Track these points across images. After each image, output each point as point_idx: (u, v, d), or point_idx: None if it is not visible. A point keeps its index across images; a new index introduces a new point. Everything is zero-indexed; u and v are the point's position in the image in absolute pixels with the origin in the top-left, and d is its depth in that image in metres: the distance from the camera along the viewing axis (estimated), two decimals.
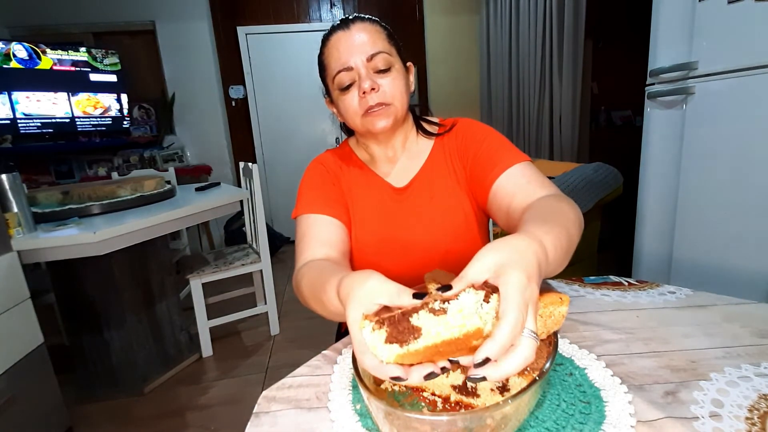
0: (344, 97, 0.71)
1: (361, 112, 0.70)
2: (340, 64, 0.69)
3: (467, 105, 4.00)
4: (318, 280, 0.55)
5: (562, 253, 0.44)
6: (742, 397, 0.43)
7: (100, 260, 1.52)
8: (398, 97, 0.71)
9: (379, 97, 0.69)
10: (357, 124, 0.73)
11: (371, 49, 0.68)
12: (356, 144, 0.85)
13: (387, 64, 0.69)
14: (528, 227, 0.45)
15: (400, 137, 0.79)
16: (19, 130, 2.99)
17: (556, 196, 0.60)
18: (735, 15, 1.13)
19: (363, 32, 0.69)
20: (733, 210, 1.20)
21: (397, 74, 0.71)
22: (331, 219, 0.74)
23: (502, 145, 0.72)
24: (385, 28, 0.73)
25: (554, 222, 0.47)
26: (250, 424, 0.46)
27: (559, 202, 0.56)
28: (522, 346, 0.33)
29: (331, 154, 0.85)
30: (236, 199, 1.94)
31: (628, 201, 1.73)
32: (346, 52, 0.69)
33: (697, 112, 1.26)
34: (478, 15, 3.79)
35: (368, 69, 0.69)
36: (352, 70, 0.69)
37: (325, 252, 0.69)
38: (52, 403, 1.40)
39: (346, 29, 0.70)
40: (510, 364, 0.33)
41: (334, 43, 0.70)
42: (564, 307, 0.43)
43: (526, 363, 0.33)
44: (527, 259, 0.36)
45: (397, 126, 0.76)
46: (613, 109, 3.47)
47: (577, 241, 0.50)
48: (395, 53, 0.72)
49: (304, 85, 3.79)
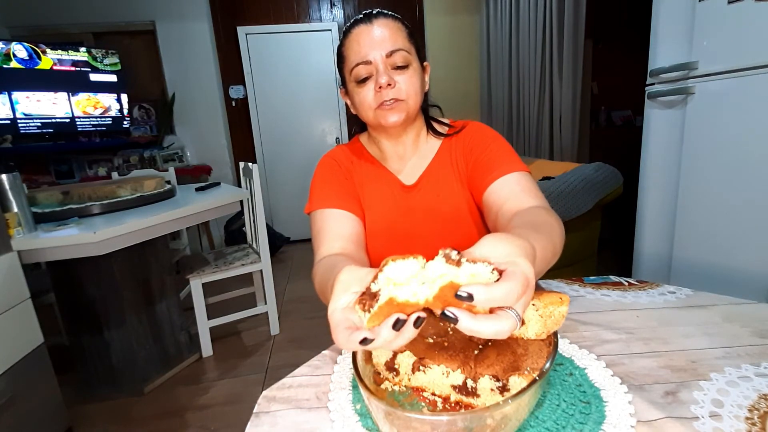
0: (360, 90, 0.72)
1: (375, 105, 0.72)
2: (359, 57, 0.70)
3: (467, 105, 4.00)
4: (325, 277, 0.56)
5: (544, 264, 0.47)
6: (742, 397, 0.43)
7: (100, 260, 1.52)
8: (412, 95, 0.72)
9: (394, 93, 0.70)
10: (370, 117, 0.74)
11: (391, 45, 0.70)
12: (367, 140, 0.86)
13: (405, 62, 0.71)
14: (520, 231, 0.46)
15: (411, 135, 0.80)
16: (19, 130, 2.99)
17: (546, 209, 0.61)
18: (735, 15, 1.13)
19: (384, 28, 0.70)
20: (733, 210, 1.20)
21: (413, 72, 0.72)
22: (345, 213, 0.75)
23: (505, 153, 0.74)
24: (406, 26, 0.74)
25: (543, 233, 0.49)
26: (250, 424, 0.46)
27: (549, 216, 0.57)
28: (502, 318, 0.33)
29: (343, 149, 0.86)
30: (236, 199, 1.94)
31: (628, 201, 1.73)
32: (366, 46, 0.70)
33: (697, 112, 1.26)
34: (478, 15, 3.79)
35: (386, 64, 0.70)
36: (370, 64, 0.70)
37: (340, 245, 0.70)
38: (52, 402, 1.40)
39: (368, 23, 0.71)
40: (484, 324, 0.33)
41: (355, 36, 0.71)
42: (564, 307, 0.43)
43: (498, 335, 0.33)
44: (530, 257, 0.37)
45: (409, 123, 0.77)
46: (613, 109, 3.47)
47: (556, 258, 0.52)
48: (414, 52, 0.73)
49: (304, 85, 3.79)
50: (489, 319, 0.33)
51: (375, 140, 0.83)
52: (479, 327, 0.33)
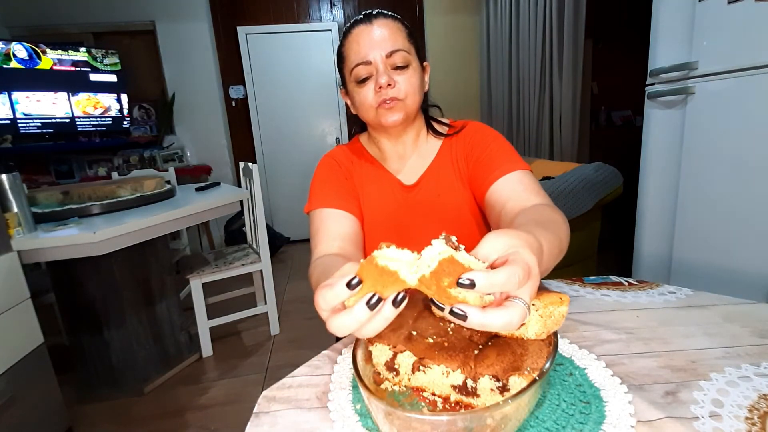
0: (360, 90, 0.72)
1: (375, 105, 0.72)
2: (359, 57, 0.70)
3: (467, 105, 4.00)
4: (321, 277, 0.57)
5: (551, 260, 0.46)
6: (742, 397, 0.43)
7: (100, 260, 1.52)
8: (411, 95, 0.72)
9: (393, 93, 0.71)
10: (370, 116, 0.74)
11: (391, 45, 0.70)
12: (367, 140, 0.86)
13: (405, 62, 0.71)
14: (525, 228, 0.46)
15: (411, 134, 0.81)
16: (19, 130, 2.99)
17: (550, 206, 0.62)
18: (735, 15, 1.13)
19: (384, 28, 0.71)
20: (733, 210, 1.20)
21: (413, 72, 0.72)
22: (344, 213, 0.76)
23: (506, 152, 0.74)
24: (406, 26, 0.75)
25: (550, 229, 0.49)
26: (250, 424, 0.46)
27: (553, 213, 0.58)
28: (512, 308, 0.33)
29: (343, 149, 0.87)
30: (236, 199, 1.94)
31: (628, 201, 1.73)
32: (366, 46, 0.70)
33: (697, 112, 1.26)
34: (478, 15, 3.79)
35: (386, 65, 0.70)
36: (370, 64, 0.70)
37: (338, 245, 0.70)
38: (52, 403, 1.40)
39: (368, 23, 0.71)
40: (494, 317, 0.32)
41: (355, 36, 0.72)
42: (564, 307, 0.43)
43: (509, 326, 0.32)
44: (535, 249, 0.37)
45: (408, 122, 0.77)
46: (613, 109, 3.47)
47: (563, 254, 0.52)
48: (413, 52, 0.73)
49: (304, 85, 3.79)
50: (498, 310, 0.32)
51: (375, 140, 0.83)
52: (489, 320, 0.32)
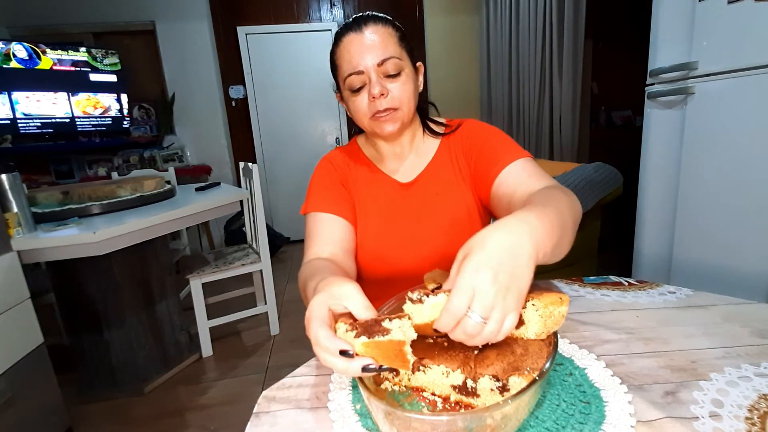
0: (354, 99, 0.72)
1: (369, 114, 0.72)
2: (351, 67, 0.70)
3: (467, 105, 4.00)
4: (309, 278, 0.57)
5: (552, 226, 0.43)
6: (742, 397, 0.43)
7: (100, 260, 1.52)
8: (406, 102, 0.72)
9: (387, 102, 0.70)
10: (365, 125, 0.75)
11: (382, 53, 0.69)
12: (365, 141, 0.86)
13: (397, 69, 0.70)
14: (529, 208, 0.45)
15: (408, 136, 0.81)
16: (19, 130, 2.99)
17: (557, 187, 0.60)
18: (735, 15, 1.13)
19: (375, 35, 0.70)
20: (733, 210, 1.20)
21: (406, 78, 0.72)
22: (338, 218, 0.76)
23: (505, 143, 0.74)
24: (398, 29, 0.74)
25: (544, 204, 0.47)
26: (250, 424, 0.46)
27: (554, 191, 0.56)
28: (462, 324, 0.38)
29: (340, 152, 0.87)
30: (236, 199, 1.94)
31: (628, 201, 1.73)
32: (357, 55, 0.69)
33: (697, 112, 1.26)
34: (478, 15, 3.79)
35: (378, 74, 0.70)
36: (362, 73, 0.70)
37: (330, 250, 0.71)
38: (52, 403, 1.40)
39: (358, 31, 0.70)
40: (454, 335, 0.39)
41: (346, 44, 0.71)
42: (564, 307, 0.43)
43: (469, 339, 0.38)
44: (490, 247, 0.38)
45: (404, 128, 0.77)
46: (613, 109, 3.47)
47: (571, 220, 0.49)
48: (406, 56, 0.73)
49: (304, 85, 3.79)
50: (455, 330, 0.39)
51: (372, 141, 0.83)
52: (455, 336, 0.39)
